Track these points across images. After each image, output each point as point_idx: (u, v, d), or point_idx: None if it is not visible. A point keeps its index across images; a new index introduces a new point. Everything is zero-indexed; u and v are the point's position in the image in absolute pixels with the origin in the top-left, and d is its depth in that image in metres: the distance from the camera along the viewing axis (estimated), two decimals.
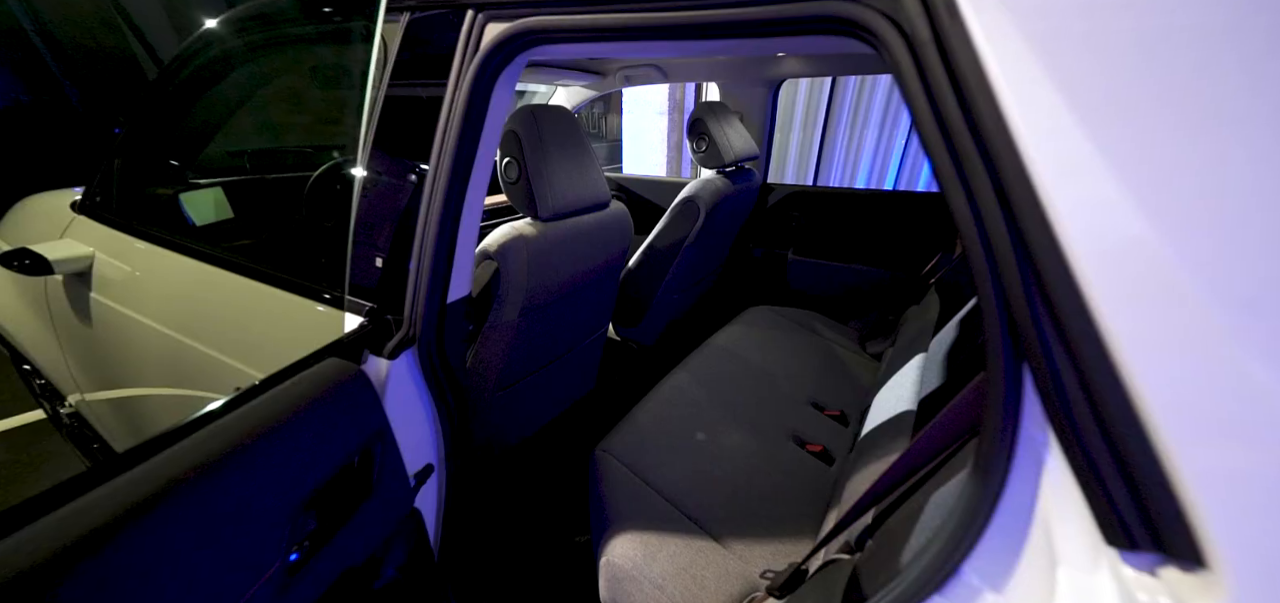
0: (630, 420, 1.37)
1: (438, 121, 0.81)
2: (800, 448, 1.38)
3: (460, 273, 0.93)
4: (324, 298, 0.92)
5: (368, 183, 0.88)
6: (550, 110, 1.22)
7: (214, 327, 1.04)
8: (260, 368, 0.96)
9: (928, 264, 1.95)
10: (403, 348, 0.87)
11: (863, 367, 1.84)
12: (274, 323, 0.98)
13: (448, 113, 0.81)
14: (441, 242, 0.84)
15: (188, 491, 0.50)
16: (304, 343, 0.76)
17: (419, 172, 0.84)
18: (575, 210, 1.26)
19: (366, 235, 0.89)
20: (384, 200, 0.88)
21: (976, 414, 0.59)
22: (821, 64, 1.95)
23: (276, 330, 0.98)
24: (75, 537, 0.44)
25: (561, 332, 1.44)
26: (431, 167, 0.82)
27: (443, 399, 0.96)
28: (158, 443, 0.53)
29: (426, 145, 0.82)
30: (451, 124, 0.81)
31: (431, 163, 0.82)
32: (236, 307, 1.02)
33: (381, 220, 0.88)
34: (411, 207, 0.84)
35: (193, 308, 1.08)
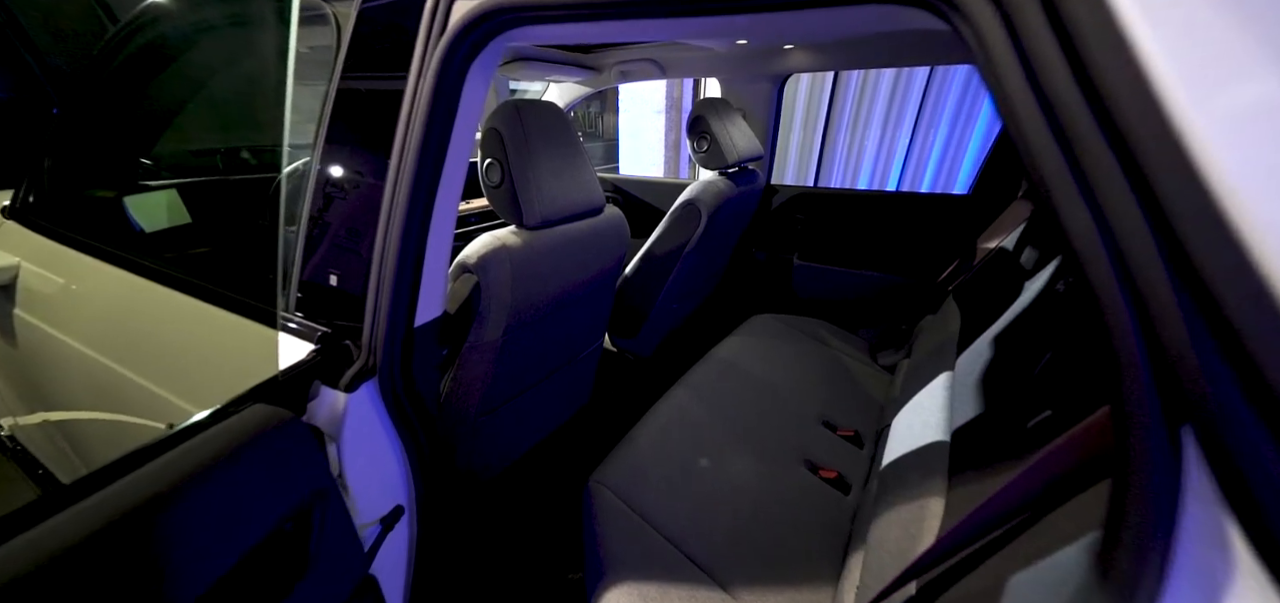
0: (627, 446, 1.25)
1: (398, 117, 0.69)
2: (813, 474, 1.27)
3: (431, 291, 0.81)
4: (275, 321, 0.79)
5: (320, 189, 0.75)
6: (537, 106, 1.10)
7: (148, 353, 0.91)
8: (199, 403, 0.84)
9: (944, 271, 1.84)
10: (362, 379, 0.74)
11: (875, 381, 1.73)
12: (216, 350, 0.85)
13: (410, 106, 0.68)
14: (405, 257, 0.72)
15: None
16: (249, 374, 0.63)
17: (379, 177, 0.71)
18: (566, 217, 1.13)
19: (319, 250, 0.77)
20: (339, 210, 0.75)
21: (1065, 471, 0.46)
22: (829, 57, 1.83)
23: (219, 359, 0.85)
24: None
25: (552, 349, 1.32)
26: (391, 170, 0.69)
27: (412, 435, 0.83)
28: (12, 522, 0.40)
29: (386, 145, 0.70)
30: (415, 119, 0.68)
31: (391, 166, 0.69)
32: (174, 330, 0.89)
33: (336, 233, 0.75)
34: (369, 217, 0.72)
35: (126, 330, 0.94)
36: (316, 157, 0.74)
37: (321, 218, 0.75)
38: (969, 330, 1.32)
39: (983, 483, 0.68)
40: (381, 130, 0.71)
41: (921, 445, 1.01)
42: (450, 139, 0.73)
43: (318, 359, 0.67)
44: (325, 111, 0.73)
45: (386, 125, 0.70)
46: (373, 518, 0.85)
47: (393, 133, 0.69)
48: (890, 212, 2.05)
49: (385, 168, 0.70)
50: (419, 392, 0.83)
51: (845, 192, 2.21)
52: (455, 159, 0.76)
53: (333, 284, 0.75)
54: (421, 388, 0.83)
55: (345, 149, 0.74)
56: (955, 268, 1.77)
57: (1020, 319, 1.00)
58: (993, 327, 1.11)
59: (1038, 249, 1.18)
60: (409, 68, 0.68)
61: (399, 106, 0.68)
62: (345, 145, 0.75)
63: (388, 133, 0.70)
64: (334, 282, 0.75)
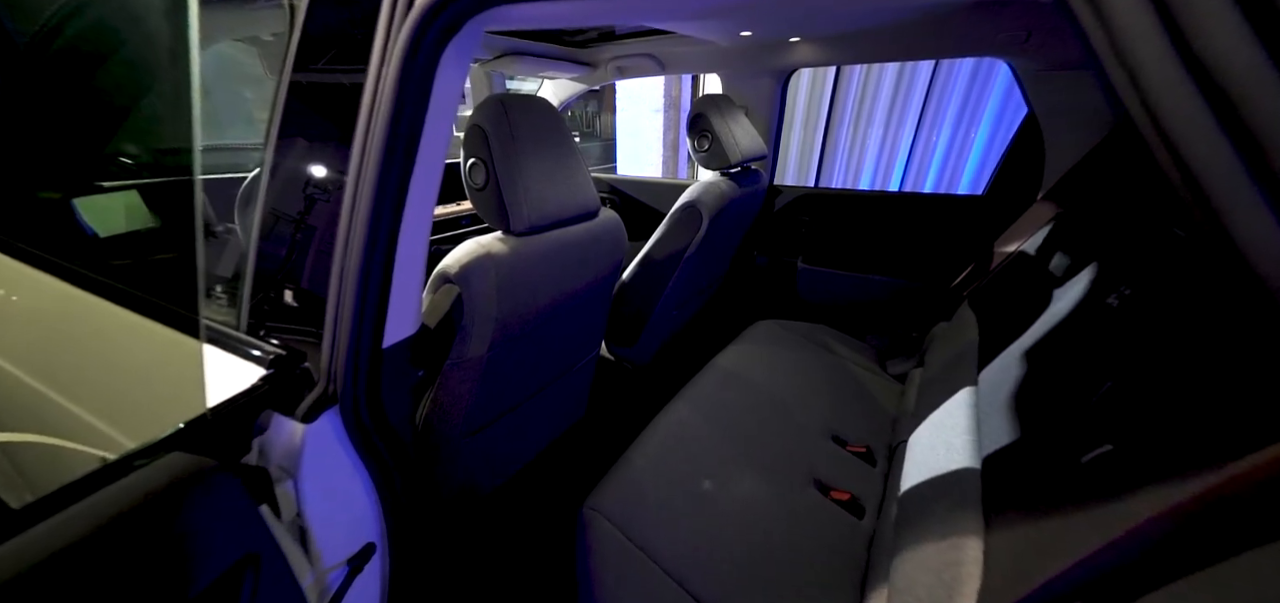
0: (624, 467, 1.16)
1: (359, 111, 0.59)
2: (823, 496, 1.18)
3: (402, 306, 0.72)
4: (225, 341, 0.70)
5: (273, 193, 0.66)
6: (525, 100, 1.01)
7: (82, 376, 0.81)
8: (133, 434, 0.74)
9: (957, 276, 1.76)
10: (321, 408, 0.65)
11: (885, 391, 1.64)
12: (152, 372, 0.76)
13: (372, 97, 0.59)
14: (370, 269, 0.63)
15: None
16: (190, 403, 0.54)
17: (338, 179, 0.62)
18: (557, 221, 1.04)
19: (273, 262, 0.68)
20: (294, 217, 0.66)
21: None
22: (836, 50, 1.75)
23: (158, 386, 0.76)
24: None
25: (543, 363, 1.23)
26: (351, 171, 0.60)
27: (382, 468, 0.74)
28: None
29: (347, 142, 0.61)
30: (378, 112, 0.59)
31: (351, 166, 0.60)
32: (112, 349, 0.80)
33: (292, 243, 0.66)
34: (329, 226, 0.63)
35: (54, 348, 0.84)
36: (268, 156, 0.65)
37: (275, 226, 0.66)
38: (990, 341, 1.23)
39: (1036, 526, 0.59)
40: (342, 125, 0.62)
41: (946, 471, 0.92)
42: (422, 135, 0.64)
43: (264, 388, 0.58)
44: (277, 104, 0.64)
45: (348, 120, 0.61)
46: (339, 560, 0.76)
47: (351, 132, 0.60)
48: (899, 213, 1.96)
49: (345, 168, 0.61)
50: (389, 420, 0.74)
51: (851, 192, 2.12)
52: (429, 157, 0.67)
53: (288, 301, 0.66)
54: (392, 415, 0.74)
55: (300, 147, 0.65)
56: (970, 273, 1.69)
57: (1057, 333, 0.91)
58: (1021, 339, 1.02)
59: (1070, 255, 1.09)
60: (370, 53, 0.59)
61: (358, 102, 0.59)
62: (300, 143, 0.65)
63: (349, 128, 0.61)
64: (290, 298, 0.66)
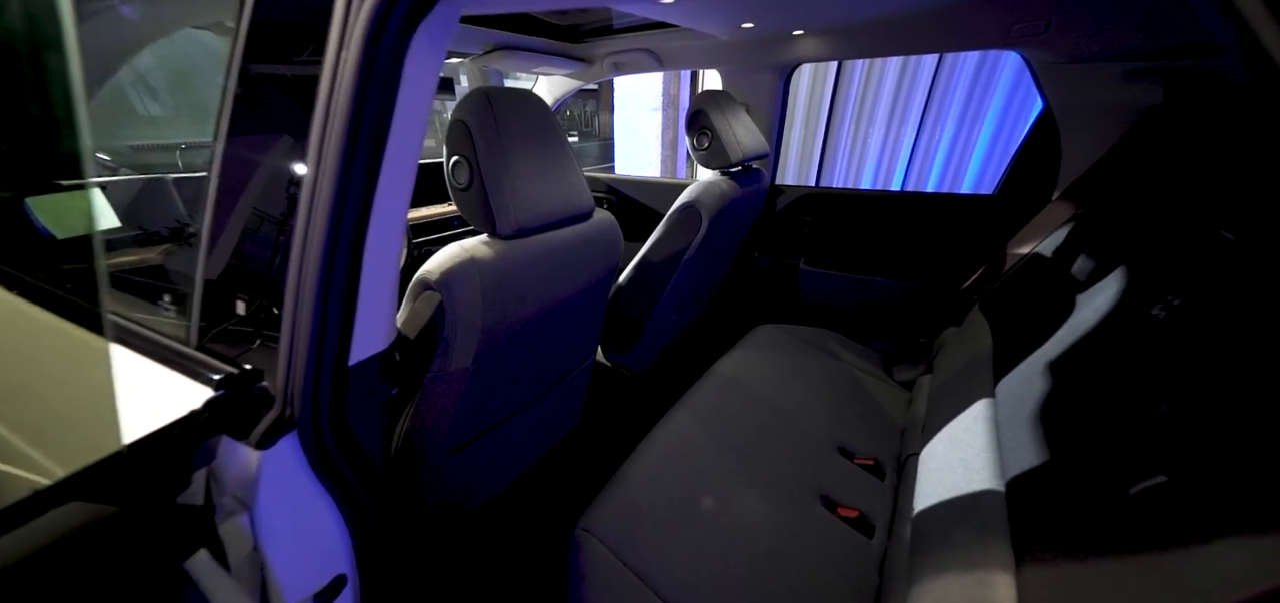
0: (619, 483, 1.09)
1: (315, 103, 0.53)
2: (831, 513, 1.11)
3: (373, 318, 0.65)
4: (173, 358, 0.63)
5: (224, 194, 0.60)
6: (512, 95, 0.94)
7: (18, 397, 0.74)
8: (62, 460, 0.67)
9: (967, 278, 1.69)
10: (279, 433, 0.59)
11: (892, 398, 1.57)
12: (94, 392, 0.69)
13: (330, 88, 0.53)
14: (331, 279, 0.56)
15: None
16: (130, 424, 0.48)
17: (294, 179, 0.55)
18: (547, 224, 0.98)
19: (226, 270, 0.61)
20: (247, 220, 0.60)
21: None
22: (840, 45, 1.68)
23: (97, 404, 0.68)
24: None
25: (535, 372, 1.16)
26: (309, 171, 0.54)
27: (349, 496, 0.67)
28: None
29: (302, 139, 0.54)
30: (337, 107, 0.52)
31: (309, 166, 0.54)
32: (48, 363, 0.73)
33: (246, 249, 0.59)
34: (284, 231, 0.56)
35: None
36: (217, 154, 0.58)
37: (226, 231, 0.60)
38: (1006, 349, 1.17)
39: (1079, 569, 0.52)
40: (298, 119, 0.55)
41: (965, 493, 0.85)
42: (390, 130, 0.57)
43: (205, 415, 0.51)
44: (226, 97, 0.57)
45: (304, 113, 0.54)
46: (305, 595, 0.69)
47: (308, 128, 0.53)
48: (905, 213, 1.90)
49: (302, 167, 0.54)
50: (360, 444, 0.67)
51: (856, 192, 2.06)
52: (401, 155, 0.60)
53: (242, 314, 0.59)
54: (363, 438, 0.68)
55: (253, 144, 0.59)
56: (981, 276, 1.62)
57: (1087, 344, 0.84)
58: (1043, 349, 0.96)
59: (1094, 258, 1.03)
60: (327, 38, 0.52)
61: (314, 94, 0.53)
62: (253, 140, 0.59)
63: (305, 122, 0.54)
64: (243, 311, 0.59)
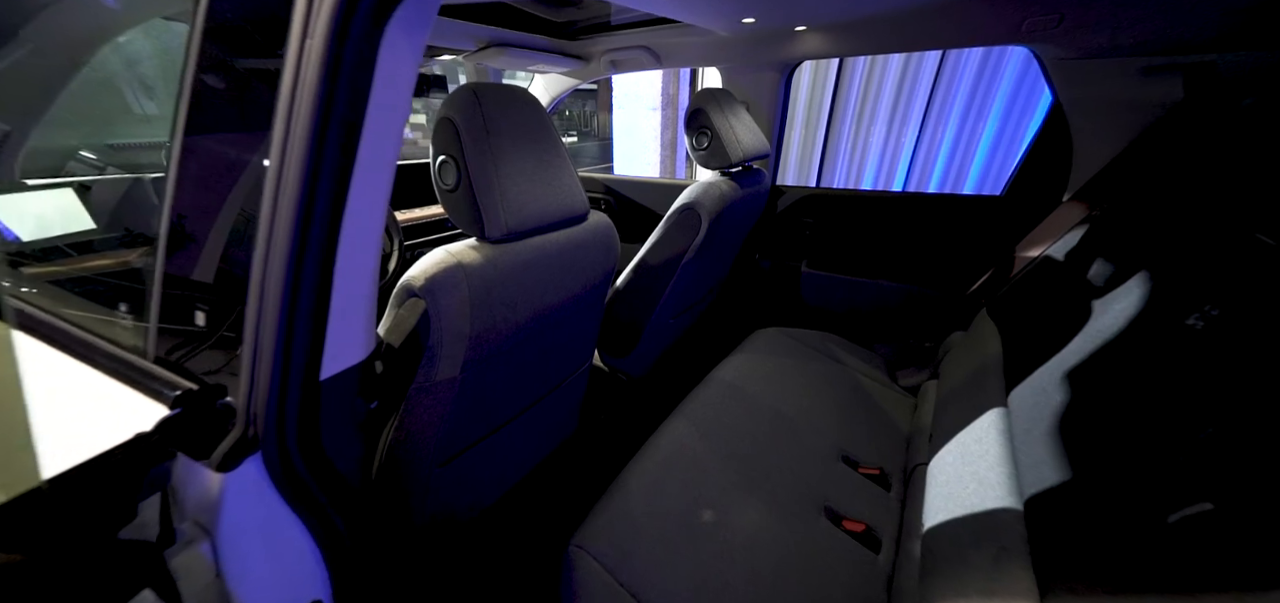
0: (615, 496, 1.05)
1: (278, 98, 0.48)
2: (836, 526, 1.07)
3: (348, 328, 0.60)
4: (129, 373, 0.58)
5: (183, 196, 0.55)
6: (502, 90, 0.90)
7: None
8: None
9: (973, 282, 1.65)
10: (242, 455, 0.54)
11: (897, 404, 1.53)
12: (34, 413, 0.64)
13: (294, 83, 0.48)
14: (298, 288, 0.51)
15: None
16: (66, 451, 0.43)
17: (256, 181, 0.51)
18: (539, 226, 0.93)
19: (185, 279, 0.56)
20: (206, 225, 0.55)
21: None
22: (843, 41, 1.63)
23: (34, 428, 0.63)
24: None
25: (527, 380, 1.12)
26: (271, 173, 0.49)
27: (323, 520, 0.63)
28: None
29: (264, 137, 0.49)
30: (301, 103, 0.48)
31: (271, 167, 0.49)
32: None
33: (208, 254, 0.55)
34: (245, 236, 0.51)
35: None
36: (174, 153, 0.53)
37: (185, 237, 0.55)
38: (1018, 356, 1.12)
39: None
40: (259, 116, 0.50)
41: (980, 510, 0.81)
42: (363, 126, 0.52)
43: (154, 438, 0.47)
44: (183, 92, 0.52)
45: (265, 110, 0.49)
46: None
47: (270, 123, 0.48)
48: (910, 214, 1.85)
49: (264, 168, 0.50)
50: (334, 465, 0.62)
51: (859, 193, 2.01)
52: (376, 152, 0.55)
53: (201, 325, 0.55)
54: (339, 458, 0.63)
55: (212, 143, 0.54)
56: (989, 279, 1.58)
57: (1110, 354, 0.80)
58: (1059, 357, 0.91)
59: (1112, 262, 0.98)
60: (289, 29, 0.47)
61: (277, 86, 0.48)
62: (212, 138, 0.54)
63: (267, 120, 0.49)
64: (203, 322, 0.55)
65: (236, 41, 0.53)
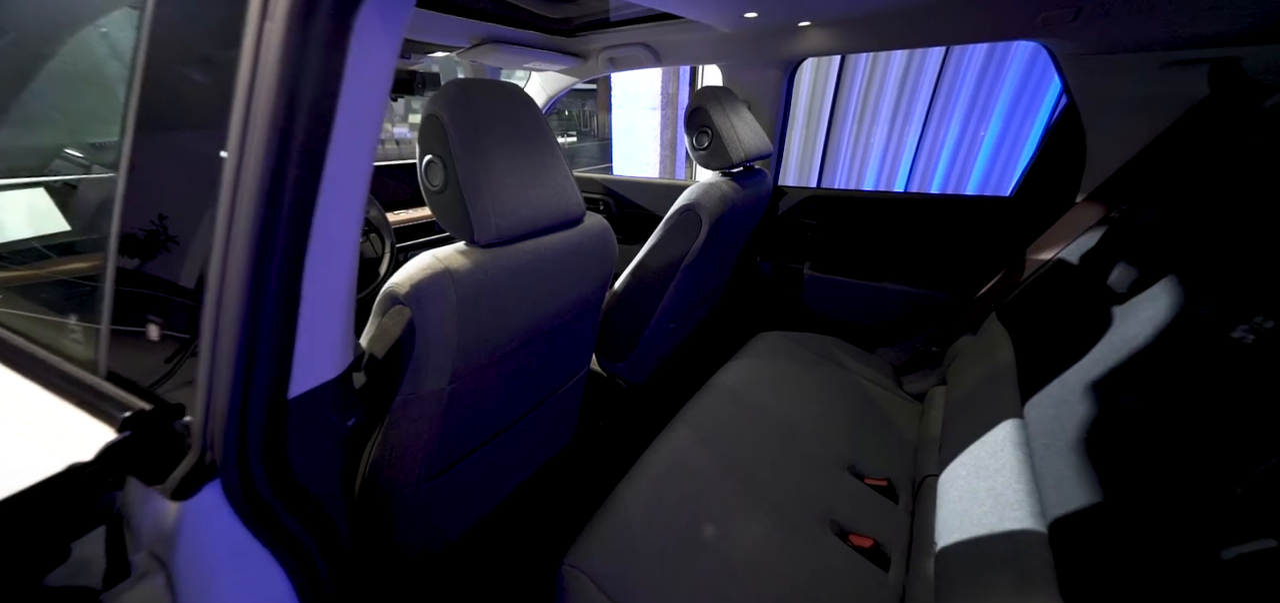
0: (612, 510, 1.00)
1: (235, 87, 0.44)
2: (843, 542, 1.02)
3: (320, 341, 0.55)
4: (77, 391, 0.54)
5: (134, 200, 0.50)
6: (492, 86, 0.85)
7: None
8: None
9: (981, 285, 1.60)
10: (200, 481, 0.49)
11: (903, 412, 1.49)
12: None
13: (251, 76, 0.43)
14: (259, 299, 0.47)
15: None
16: None
17: (212, 182, 0.46)
18: (532, 230, 0.89)
19: (138, 289, 0.51)
20: (159, 231, 0.50)
21: None
22: (847, 37, 1.59)
23: None
24: None
25: (521, 390, 1.07)
26: (227, 173, 0.44)
27: (294, 549, 0.58)
28: None
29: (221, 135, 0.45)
30: (259, 98, 0.43)
31: (227, 166, 0.44)
32: None
33: (163, 261, 0.50)
34: (203, 242, 0.47)
35: None
36: (125, 152, 0.49)
37: (135, 243, 0.50)
38: (1032, 364, 1.08)
39: None
40: (216, 112, 0.46)
41: (999, 531, 0.76)
42: (334, 122, 0.48)
43: (92, 468, 0.42)
44: (133, 86, 0.48)
45: (222, 105, 0.45)
46: None
47: (228, 116, 0.44)
48: (915, 216, 1.80)
49: (220, 168, 0.45)
50: (306, 488, 0.58)
51: (863, 194, 1.97)
52: (350, 149, 0.51)
53: (154, 340, 0.50)
54: (310, 481, 0.58)
55: (164, 141, 0.49)
56: (998, 282, 1.53)
57: (1139, 366, 0.75)
58: (1081, 367, 0.86)
59: (1136, 267, 0.93)
60: (245, 18, 0.43)
61: (233, 79, 0.43)
62: (164, 136, 0.49)
63: (224, 116, 0.45)
64: (156, 336, 0.50)
65: (192, 27, 0.48)
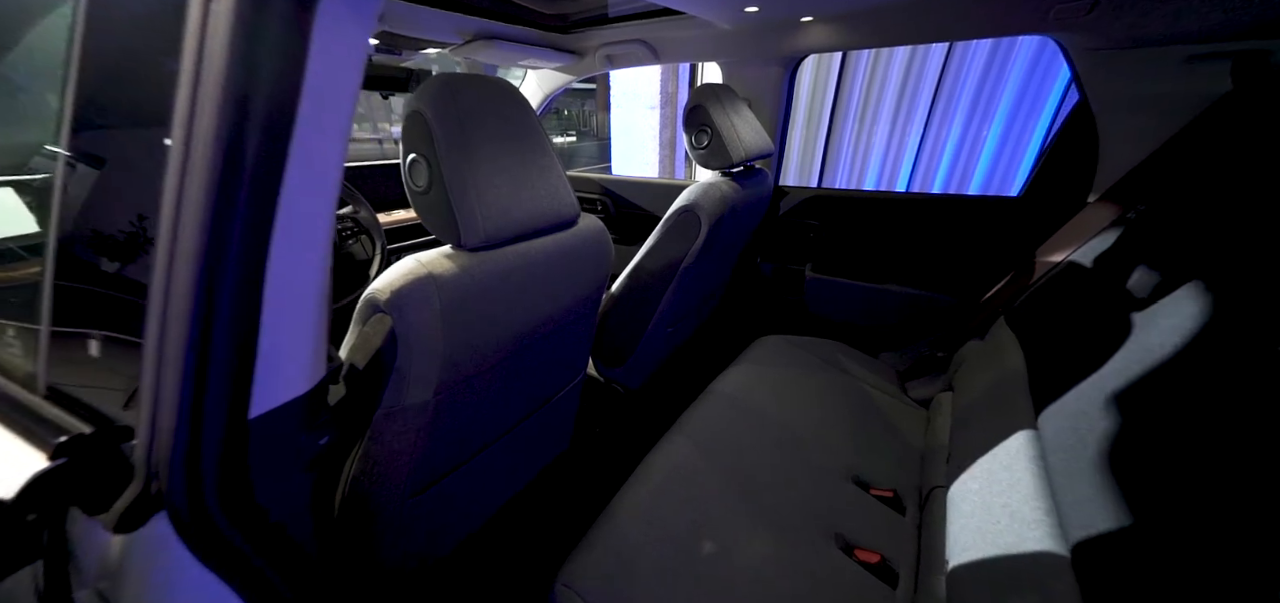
0: (608, 525, 0.96)
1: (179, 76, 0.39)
2: (848, 556, 0.98)
3: (287, 354, 0.51)
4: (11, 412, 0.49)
5: (72, 202, 0.46)
6: (480, 82, 0.81)
7: None
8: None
9: (988, 288, 1.56)
10: (144, 513, 0.45)
11: (908, 418, 1.44)
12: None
13: (198, 45, 0.39)
14: (212, 309, 0.42)
15: None
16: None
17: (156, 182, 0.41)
18: (523, 233, 0.84)
19: (78, 300, 0.47)
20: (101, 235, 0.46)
21: None
22: (850, 33, 1.54)
23: None
24: None
25: (512, 399, 1.02)
26: (172, 167, 0.40)
27: (258, 585, 0.53)
28: None
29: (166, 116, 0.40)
30: (206, 88, 0.39)
31: (172, 159, 0.40)
32: None
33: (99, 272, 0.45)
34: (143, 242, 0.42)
35: None
36: (61, 151, 0.44)
37: (75, 250, 0.46)
38: (1045, 371, 1.03)
39: None
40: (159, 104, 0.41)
41: (1018, 552, 0.72)
42: (298, 108, 0.43)
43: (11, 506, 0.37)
44: (68, 78, 0.43)
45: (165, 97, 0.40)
46: None
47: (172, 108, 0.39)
48: (920, 217, 1.76)
49: (164, 167, 0.41)
50: (270, 515, 0.53)
51: (866, 194, 1.92)
52: (318, 141, 0.46)
53: (94, 355, 0.46)
54: (275, 507, 0.53)
55: (104, 138, 0.45)
56: (1006, 285, 1.49)
57: (1166, 378, 0.70)
58: (1100, 377, 0.82)
59: (1158, 271, 0.89)
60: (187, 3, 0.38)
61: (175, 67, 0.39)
62: (103, 132, 0.45)
63: (167, 108, 0.40)
64: (96, 352, 0.45)
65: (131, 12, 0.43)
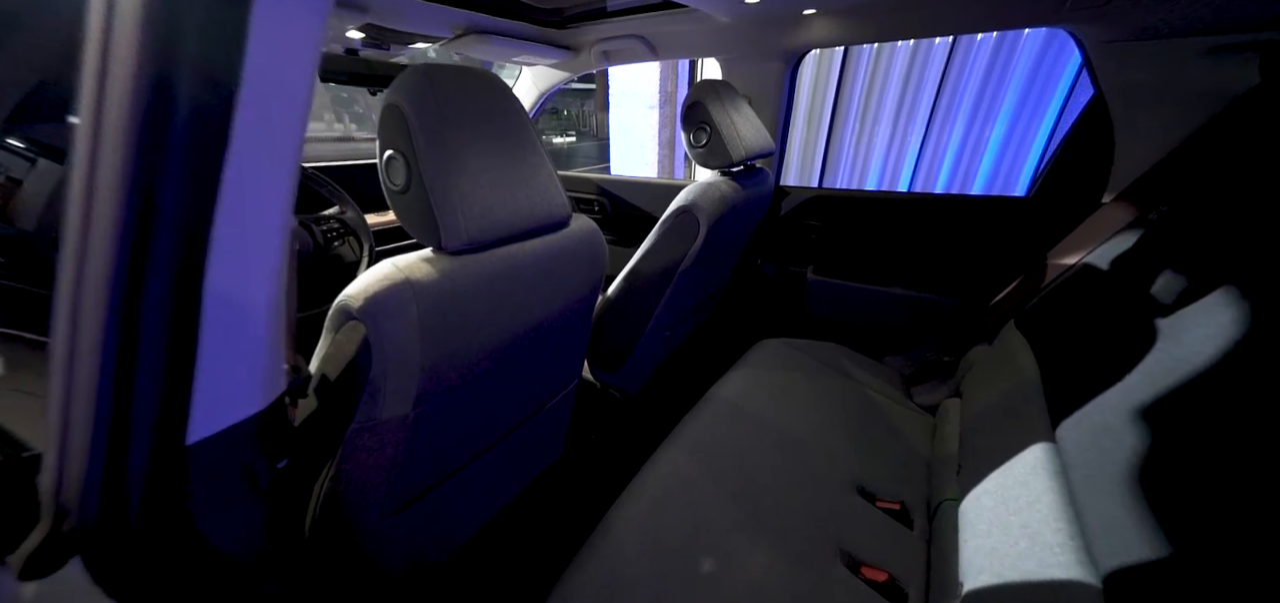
0: (602, 542, 0.91)
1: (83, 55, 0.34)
2: (854, 574, 0.93)
3: (233, 370, 0.46)
4: None
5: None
6: (461, 74, 0.76)
7: None
8: None
9: (996, 291, 1.51)
10: (57, 557, 0.40)
11: (914, 425, 1.39)
12: None
13: (102, 49, 0.34)
14: (134, 319, 0.37)
15: None
16: None
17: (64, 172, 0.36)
18: (510, 236, 0.79)
19: None
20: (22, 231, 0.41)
21: None
22: (853, 28, 1.49)
23: None
24: None
25: (500, 410, 0.97)
26: (78, 168, 0.35)
27: None
28: None
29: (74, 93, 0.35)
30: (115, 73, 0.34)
31: (79, 150, 0.35)
32: None
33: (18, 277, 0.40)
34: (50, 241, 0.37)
35: None
36: None
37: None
38: (1061, 380, 0.98)
39: None
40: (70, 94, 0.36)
41: (1041, 580, 0.67)
42: (235, 102, 0.38)
43: None
44: None
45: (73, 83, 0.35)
46: None
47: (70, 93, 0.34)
48: (925, 217, 1.71)
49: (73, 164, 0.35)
50: (217, 550, 0.48)
51: (869, 194, 1.87)
52: (266, 130, 0.41)
53: None
54: (222, 539, 0.48)
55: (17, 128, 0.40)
56: (1016, 288, 1.44)
57: (1202, 390, 0.65)
58: (1124, 388, 0.77)
59: (1185, 275, 0.84)
60: None
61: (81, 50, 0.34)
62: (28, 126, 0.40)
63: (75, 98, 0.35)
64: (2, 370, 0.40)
65: None
